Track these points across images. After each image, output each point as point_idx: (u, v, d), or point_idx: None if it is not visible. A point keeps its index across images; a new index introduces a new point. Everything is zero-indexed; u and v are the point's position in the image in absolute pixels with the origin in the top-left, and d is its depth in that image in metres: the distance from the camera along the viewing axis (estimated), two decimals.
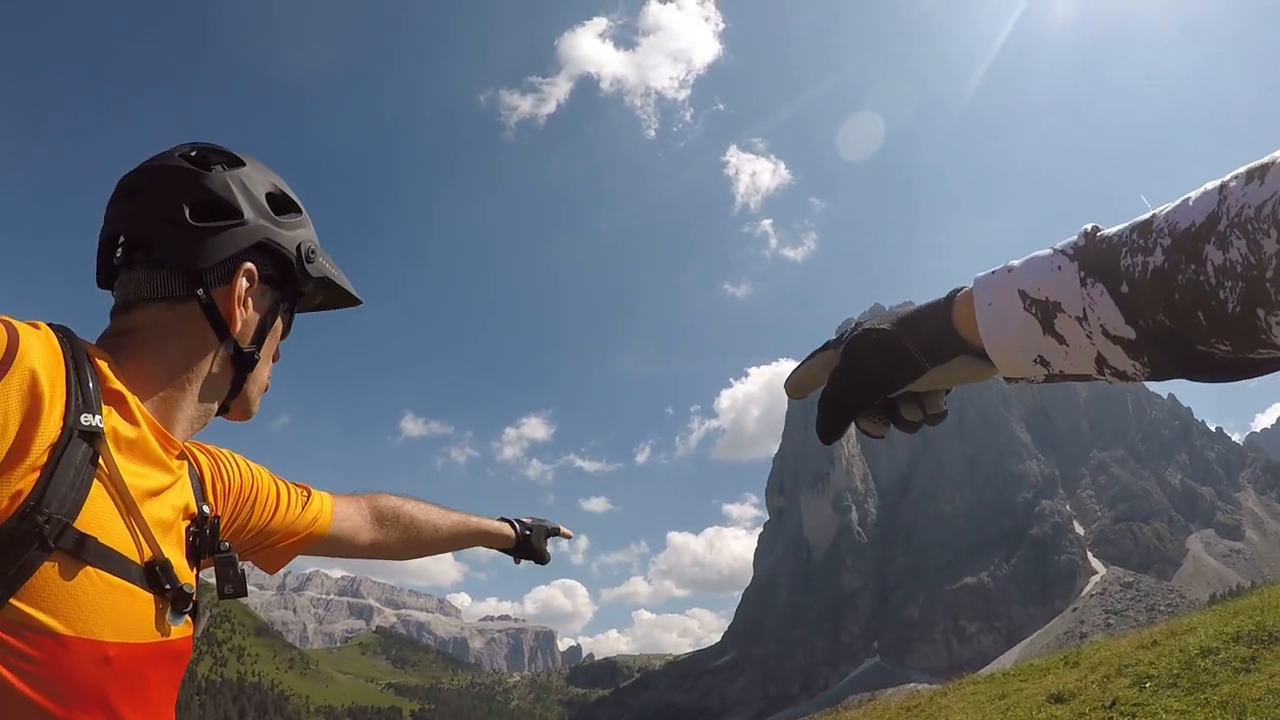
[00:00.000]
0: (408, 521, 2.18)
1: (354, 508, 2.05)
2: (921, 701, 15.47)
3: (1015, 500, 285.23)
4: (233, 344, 1.51)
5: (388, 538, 2.12)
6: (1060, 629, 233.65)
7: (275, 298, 1.59)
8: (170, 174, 1.49)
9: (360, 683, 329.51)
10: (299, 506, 1.87)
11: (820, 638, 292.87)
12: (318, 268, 1.61)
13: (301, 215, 1.65)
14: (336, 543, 1.99)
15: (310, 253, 1.60)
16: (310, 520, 1.90)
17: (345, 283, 1.71)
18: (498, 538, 2.43)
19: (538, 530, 2.51)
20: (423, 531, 2.22)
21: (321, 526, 1.92)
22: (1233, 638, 10.17)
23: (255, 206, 1.53)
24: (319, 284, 1.65)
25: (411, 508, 2.20)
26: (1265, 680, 8.57)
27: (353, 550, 2.05)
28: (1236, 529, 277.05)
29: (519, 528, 2.47)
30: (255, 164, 1.60)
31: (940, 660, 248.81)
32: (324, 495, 1.97)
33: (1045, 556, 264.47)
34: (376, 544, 2.10)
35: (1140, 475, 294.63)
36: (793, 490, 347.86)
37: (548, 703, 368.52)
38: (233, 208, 1.49)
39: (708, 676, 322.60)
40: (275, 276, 1.57)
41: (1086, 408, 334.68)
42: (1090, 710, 9.72)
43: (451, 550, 2.37)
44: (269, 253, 1.55)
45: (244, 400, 1.61)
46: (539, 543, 2.50)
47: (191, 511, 1.47)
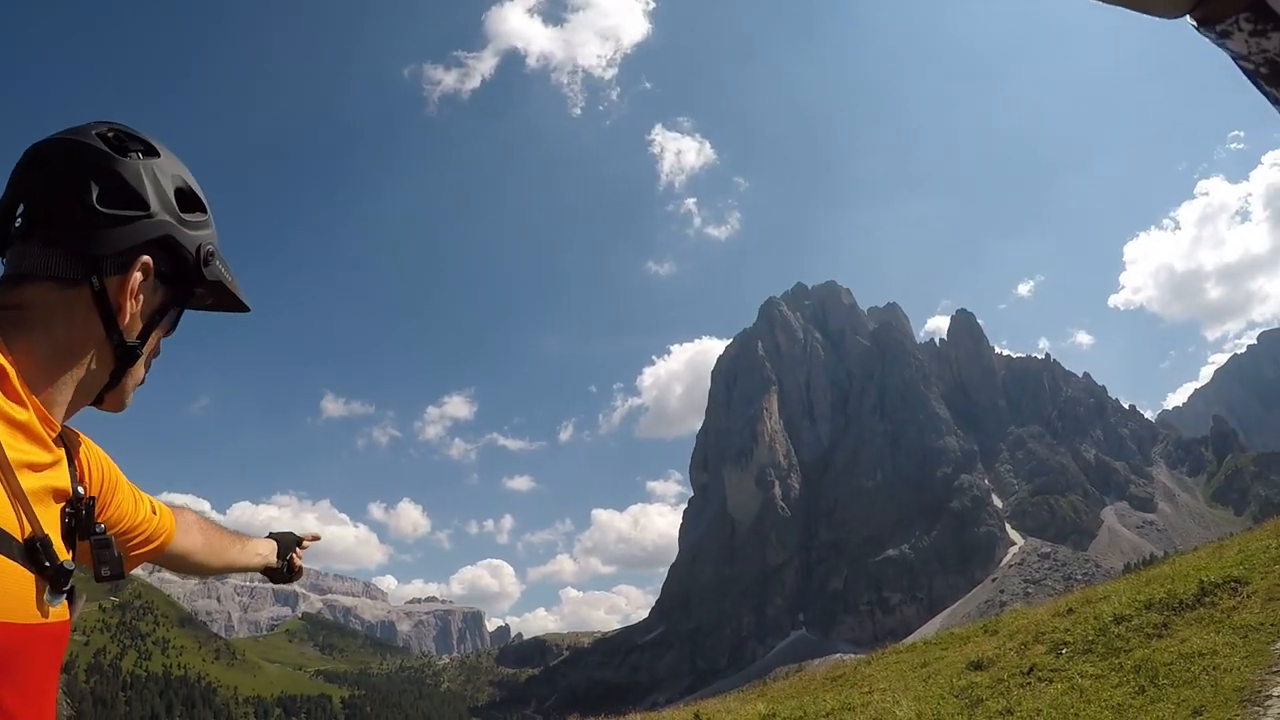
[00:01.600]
0: (217, 538, 2.15)
1: (181, 519, 2.00)
2: (846, 671, 15.68)
3: (935, 475, 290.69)
4: (118, 335, 1.48)
5: (203, 552, 2.08)
6: (981, 598, 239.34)
7: (167, 295, 1.57)
8: (85, 153, 1.47)
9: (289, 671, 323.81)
10: (149, 513, 1.84)
11: (746, 611, 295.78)
12: (214, 271, 1.59)
13: (206, 215, 1.62)
14: (172, 556, 1.95)
15: (209, 255, 1.58)
16: (163, 531, 1.87)
17: (238, 290, 1.68)
18: (269, 563, 2.40)
19: (288, 546, 2.49)
20: (224, 549, 2.18)
21: (169, 538, 1.90)
22: (1145, 605, 10.45)
23: (163, 201, 1.51)
24: (212, 287, 1.62)
25: (214, 527, 2.16)
26: (1176, 645, 8.81)
27: (179, 563, 2.01)
28: (1149, 501, 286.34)
29: (280, 556, 2.45)
30: (170, 157, 1.59)
31: (865, 631, 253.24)
32: (163, 505, 1.93)
33: (965, 529, 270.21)
34: (195, 558, 2.06)
35: (1056, 450, 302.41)
36: (716, 466, 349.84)
37: (478, 684, 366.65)
38: (140, 199, 1.47)
39: (637, 652, 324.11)
40: (170, 274, 1.55)
41: (1004, 385, 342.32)
42: (1008, 676, 9.92)
43: (237, 572, 2.33)
44: (168, 249, 1.52)
45: (119, 392, 1.58)
46: (286, 572, 2.49)
47: (67, 493, 1.44)
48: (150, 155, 1.53)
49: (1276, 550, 11.60)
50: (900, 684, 12.07)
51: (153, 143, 1.56)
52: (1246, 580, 10.27)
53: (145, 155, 1.52)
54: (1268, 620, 8.84)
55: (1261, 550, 11.91)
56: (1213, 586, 10.28)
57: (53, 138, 1.50)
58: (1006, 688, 9.58)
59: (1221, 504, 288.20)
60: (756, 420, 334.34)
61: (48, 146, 1.48)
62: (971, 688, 10.02)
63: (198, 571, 2.12)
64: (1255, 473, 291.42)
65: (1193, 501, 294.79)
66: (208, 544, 2.09)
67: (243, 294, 1.71)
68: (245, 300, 1.73)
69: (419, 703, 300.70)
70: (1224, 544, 16.68)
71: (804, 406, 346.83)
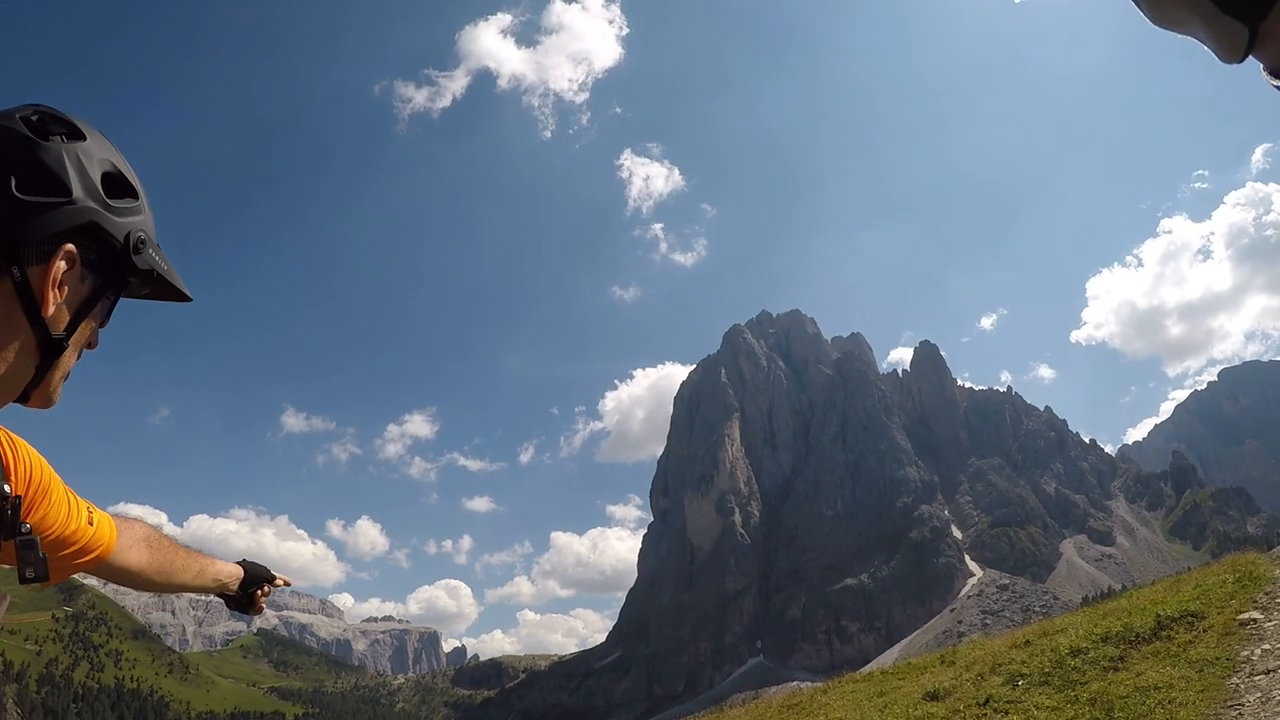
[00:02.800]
0: (168, 555, 2.08)
1: (126, 531, 1.94)
2: (803, 700, 15.57)
3: (895, 505, 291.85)
4: (42, 328, 1.43)
5: (149, 567, 2.00)
6: (939, 628, 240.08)
7: (96, 284, 1.51)
8: (5, 137, 1.43)
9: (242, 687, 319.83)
10: (86, 521, 1.77)
11: (704, 638, 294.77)
12: (145, 259, 1.53)
13: (138, 201, 1.56)
14: (112, 567, 1.88)
15: (140, 242, 1.52)
16: (101, 540, 1.80)
17: (175, 278, 1.62)
18: (228, 588, 2.37)
19: (256, 581, 2.46)
20: (175, 564, 2.10)
21: (108, 548, 1.83)
22: (1102, 638, 10.43)
23: (87, 186, 1.46)
24: (145, 276, 1.57)
25: (169, 543, 2.09)
26: (1132, 679, 8.78)
27: (120, 575, 1.94)
28: (1108, 535, 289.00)
29: (246, 581, 2.42)
30: (98, 139, 1.53)
31: (822, 659, 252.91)
32: (105, 515, 1.86)
33: (924, 559, 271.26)
34: (140, 571, 1.98)
35: (1016, 483, 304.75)
36: (677, 492, 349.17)
37: (433, 704, 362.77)
38: (62, 185, 1.42)
39: (593, 677, 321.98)
40: (98, 262, 1.49)
41: (966, 417, 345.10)
42: (965, 707, 9.85)
43: (191, 592, 2.27)
44: (94, 236, 1.47)
45: (45, 388, 1.51)
46: (250, 600, 2.45)
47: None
48: (75, 138, 1.48)
49: (1233, 585, 11.65)
50: (856, 713, 11.99)
51: (79, 125, 1.50)
52: (1203, 615, 10.30)
53: (69, 138, 1.47)
54: (1223, 655, 8.85)
55: (1218, 585, 11.97)
56: (1169, 621, 10.29)
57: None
58: (962, 719, 9.51)
59: (1180, 538, 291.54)
60: (718, 447, 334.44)
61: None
62: (927, 718, 9.95)
63: (143, 588, 2.04)
64: (1214, 508, 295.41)
65: (1151, 536, 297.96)
66: (155, 562, 2.01)
67: (181, 283, 1.64)
68: (184, 289, 1.66)
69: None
70: (1181, 578, 16.78)
71: (766, 434, 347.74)
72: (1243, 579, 12.14)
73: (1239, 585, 11.76)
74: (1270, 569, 12.86)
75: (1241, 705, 7.51)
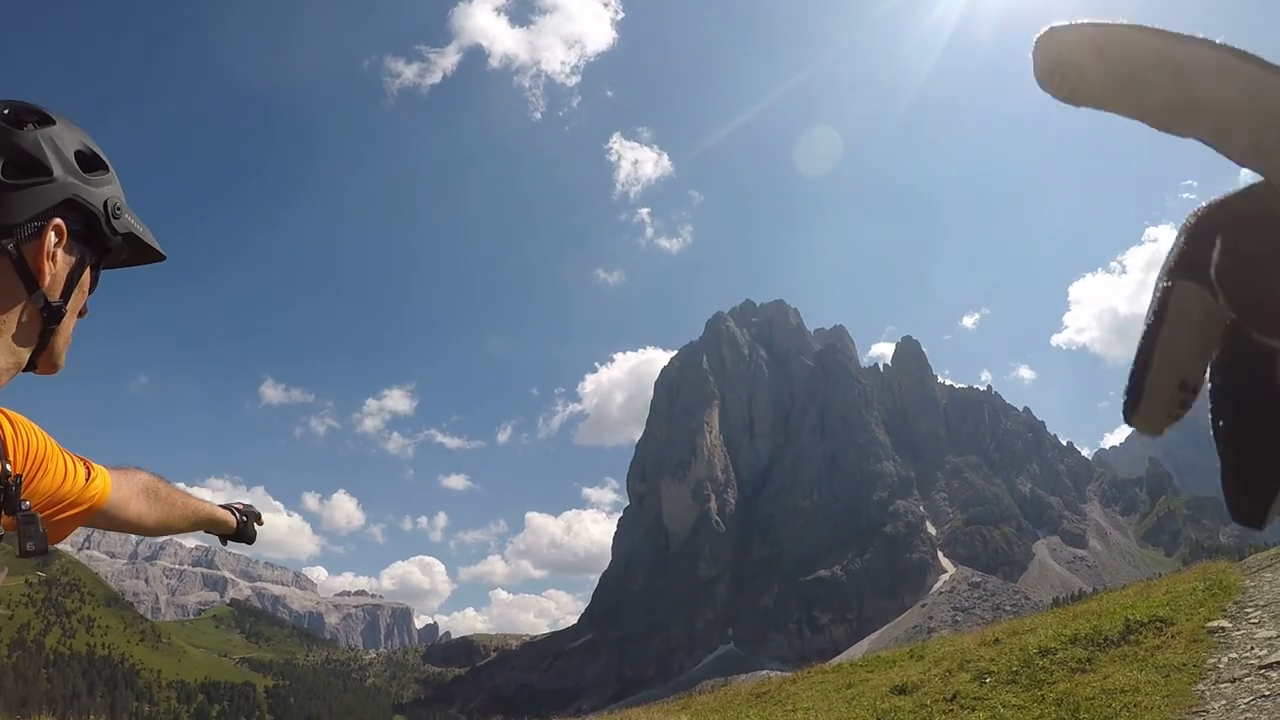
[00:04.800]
0: (166, 500, 2.21)
1: (125, 481, 2.07)
2: (771, 688, 15.60)
3: (871, 498, 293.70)
4: (41, 297, 1.56)
5: (149, 514, 2.14)
6: (909, 623, 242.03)
7: (83, 252, 1.64)
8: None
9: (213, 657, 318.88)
10: (83, 478, 1.88)
11: (676, 623, 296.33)
12: (123, 224, 1.67)
13: (109, 173, 1.70)
14: (109, 516, 1.99)
15: (116, 209, 1.66)
16: (94, 494, 1.90)
17: (150, 238, 1.76)
18: (223, 525, 2.50)
19: (250, 516, 2.60)
20: (174, 511, 2.25)
21: (101, 499, 1.93)
22: (1070, 639, 10.48)
23: (65, 164, 1.58)
24: (125, 239, 1.70)
25: (167, 488, 2.23)
26: (1099, 681, 8.82)
27: (118, 524, 2.06)
28: (1081, 537, 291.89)
29: (238, 516, 2.55)
30: (65, 122, 1.65)
31: (792, 649, 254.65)
32: (100, 468, 1.97)
33: (898, 554, 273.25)
34: (139, 519, 2.11)
35: (992, 482, 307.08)
36: (654, 477, 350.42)
37: (404, 680, 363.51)
38: (43, 165, 1.54)
39: (564, 658, 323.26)
40: (83, 232, 1.62)
41: (945, 414, 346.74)
42: (932, 702, 9.88)
43: (186, 533, 2.42)
44: (77, 209, 1.59)
45: (50, 353, 1.65)
46: (249, 529, 2.59)
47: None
48: (45, 124, 1.60)
49: (1203, 593, 11.72)
50: (824, 704, 12.01)
51: (47, 112, 1.63)
52: (1172, 621, 10.36)
53: (40, 125, 1.59)
54: (1190, 661, 8.90)
55: (1189, 592, 12.04)
56: (1138, 625, 10.35)
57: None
58: (929, 713, 9.54)
59: (1152, 544, 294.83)
60: (697, 434, 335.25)
61: None
62: (894, 711, 9.97)
63: (143, 534, 2.22)
64: (1187, 515, 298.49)
65: (1124, 540, 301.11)
66: (154, 511, 2.17)
67: (156, 242, 1.78)
68: (158, 247, 1.80)
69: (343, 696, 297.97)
70: (1152, 584, 16.90)
71: (745, 423, 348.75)
72: (1213, 587, 12.22)
73: (1209, 593, 11.84)
74: (1240, 579, 12.95)
75: (1207, 712, 7.55)
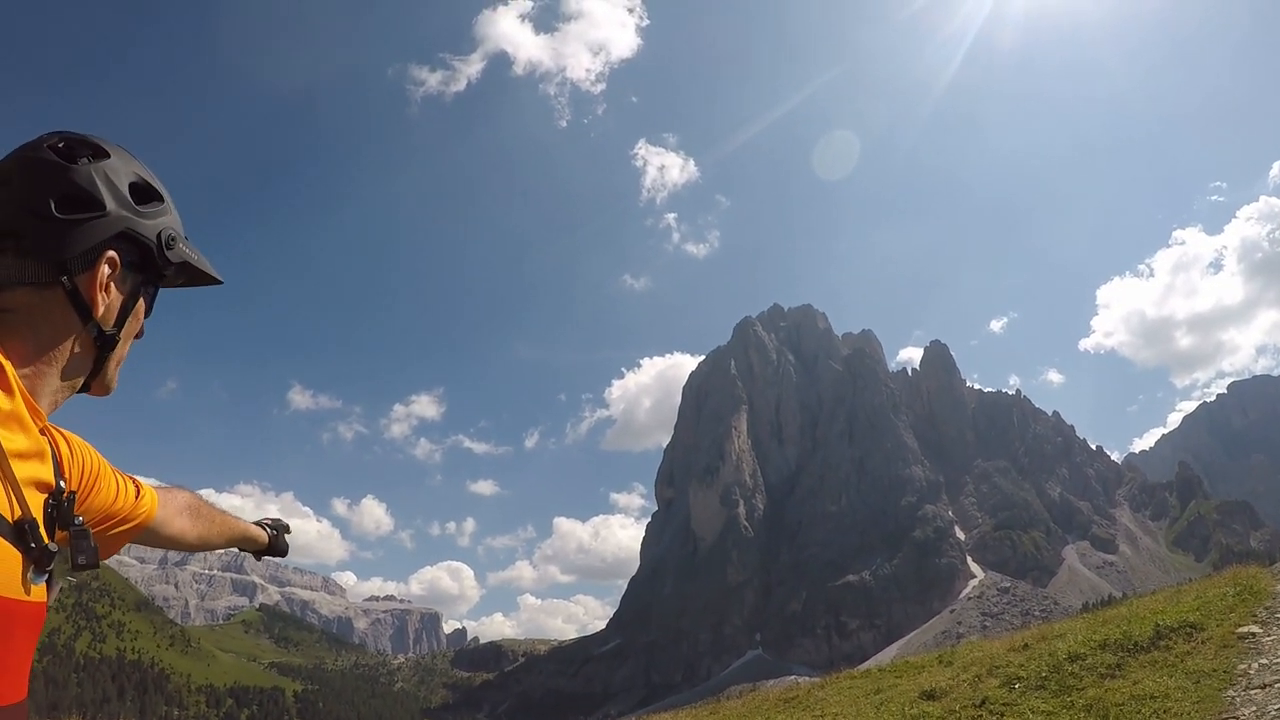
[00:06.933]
0: (206, 518, 2.29)
1: (170, 500, 2.13)
2: (800, 694, 15.62)
3: (900, 503, 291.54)
4: (95, 326, 1.65)
5: (190, 531, 2.21)
6: (938, 629, 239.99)
7: (137, 281, 1.73)
8: (39, 167, 1.62)
9: (242, 661, 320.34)
10: (133, 496, 1.96)
11: (704, 629, 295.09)
12: (177, 254, 1.75)
13: (164, 204, 1.77)
14: (154, 532, 2.06)
15: (170, 239, 1.74)
16: (143, 511, 1.98)
17: (206, 266, 1.84)
18: (256, 541, 2.59)
19: (280, 530, 2.70)
20: (212, 528, 2.32)
21: (149, 517, 2.01)
22: (1100, 645, 10.46)
23: (118, 198, 1.66)
24: (180, 268, 1.79)
25: (207, 507, 2.31)
26: (1129, 687, 8.81)
27: (161, 540, 2.13)
28: (1110, 543, 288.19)
29: (269, 531, 2.64)
30: (120, 154, 1.73)
31: (820, 654, 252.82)
32: (148, 487, 2.06)
33: (926, 559, 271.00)
34: (181, 535, 2.18)
35: (1021, 486, 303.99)
36: (682, 482, 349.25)
37: (432, 685, 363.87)
38: (96, 200, 1.62)
39: (592, 663, 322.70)
40: (137, 262, 1.71)
41: (974, 418, 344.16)
42: (961, 708, 9.89)
43: (222, 549, 2.50)
44: (130, 241, 1.68)
45: (103, 378, 1.76)
46: (281, 543, 2.68)
47: (50, 485, 1.55)
48: (100, 158, 1.67)
49: (1233, 599, 11.66)
50: (853, 709, 12.03)
51: (102, 144, 1.70)
52: (1202, 626, 10.31)
53: (94, 158, 1.66)
54: (1220, 667, 8.87)
55: (1219, 598, 11.97)
56: (1168, 630, 10.31)
57: (10, 157, 1.65)
58: (958, 719, 9.56)
59: (1183, 549, 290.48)
60: (725, 439, 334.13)
61: (5, 166, 1.63)
62: (923, 717, 9.99)
63: (183, 550, 2.29)
64: (1218, 520, 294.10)
65: (1154, 545, 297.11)
66: (195, 529, 2.24)
67: (211, 269, 1.87)
68: (215, 273, 1.89)
69: (372, 701, 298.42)
70: (1182, 589, 16.78)
71: (773, 428, 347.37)
72: (1243, 592, 12.14)
73: (1239, 599, 11.76)
74: (1271, 584, 12.84)
75: (1237, 718, 7.53)
